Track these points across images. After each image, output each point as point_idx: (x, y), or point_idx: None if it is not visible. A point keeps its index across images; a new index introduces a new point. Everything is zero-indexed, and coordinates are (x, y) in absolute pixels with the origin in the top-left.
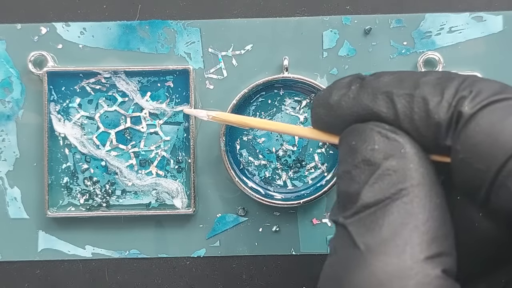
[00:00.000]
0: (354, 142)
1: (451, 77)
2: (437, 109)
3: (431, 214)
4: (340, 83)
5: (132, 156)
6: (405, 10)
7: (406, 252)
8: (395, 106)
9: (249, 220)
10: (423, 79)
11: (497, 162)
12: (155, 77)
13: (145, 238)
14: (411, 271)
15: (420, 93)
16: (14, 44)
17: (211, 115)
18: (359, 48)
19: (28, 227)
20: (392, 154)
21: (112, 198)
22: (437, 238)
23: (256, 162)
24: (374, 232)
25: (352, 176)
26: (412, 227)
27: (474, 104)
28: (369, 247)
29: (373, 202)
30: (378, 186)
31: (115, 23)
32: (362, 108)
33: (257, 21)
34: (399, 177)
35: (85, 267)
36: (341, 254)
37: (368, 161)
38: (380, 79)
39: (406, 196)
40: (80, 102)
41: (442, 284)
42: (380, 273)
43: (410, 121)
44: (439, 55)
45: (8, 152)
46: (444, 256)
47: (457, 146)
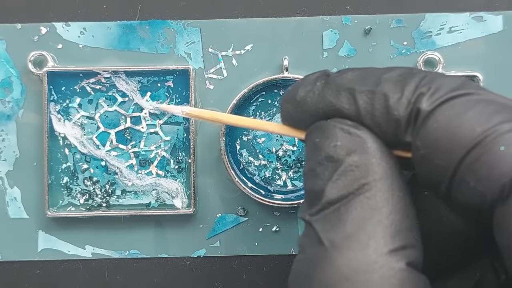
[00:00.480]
0: (318, 139)
1: (412, 74)
2: (397, 106)
3: (394, 207)
4: (307, 79)
5: (132, 156)
6: (405, 10)
7: (370, 246)
8: (357, 103)
9: (249, 220)
10: (385, 76)
11: (455, 158)
12: (155, 77)
13: (145, 238)
14: (375, 265)
15: (381, 90)
16: (14, 44)
17: (185, 111)
18: (359, 48)
19: (28, 227)
20: (354, 149)
21: (112, 198)
22: (400, 231)
23: (256, 162)
24: (338, 228)
25: (317, 173)
26: (375, 221)
27: (433, 100)
28: (334, 243)
29: (337, 198)
30: (342, 182)
31: (115, 23)
32: (326, 104)
33: (257, 21)
34: (361, 172)
35: (85, 267)
36: (308, 251)
37: (331, 158)
38: (343, 75)
39: (369, 191)
40: (80, 102)
41: (407, 277)
42: (345, 269)
43: (371, 117)
44: (439, 55)
45: (8, 152)
46: (409, 249)
47: (417, 142)
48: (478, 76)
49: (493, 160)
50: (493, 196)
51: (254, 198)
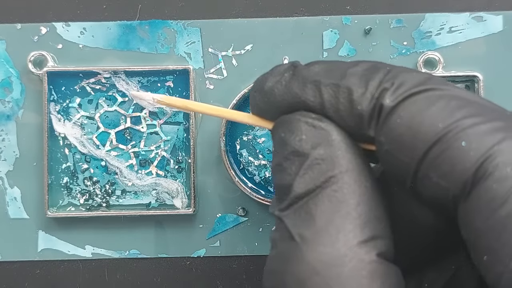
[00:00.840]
0: (283, 134)
1: (377, 68)
2: (360, 100)
3: (362, 198)
4: (276, 70)
5: (132, 156)
6: (405, 10)
7: (339, 239)
8: (322, 96)
9: (249, 220)
10: (351, 70)
11: (418, 153)
12: (155, 77)
13: (145, 238)
14: (345, 258)
15: (345, 83)
16: (14, 44)
17: (156, 98)
18: (359, 48)
19: (28, 227)
20: (319, 143)
21: (112, 198)
22: (369, 222)
23: (256, 162)
24: (308, 223)
25: (284, 168)
26: (343, 213)
27: (396, 96)
28: (304, 238)
29: (305, 193)
30: (309, 176)
31: (115, 23)
32: (292, 96)
33: (257, 21)
34: (327, 165)
35: (85, 267)
36: (280, 247)
37: (297, 152)
38: (310, 68)
39: (336, 184)
40: (80, 102)
41: (378, 268)
42: (315, 263)
43: (335, 111)
44: (439, 55)
45: (8, 152)
46: (379, 239)
47: (380, 137)
48: (478, 76)
49: (455, 155)
50: (456, 192)
51: (254, 198)
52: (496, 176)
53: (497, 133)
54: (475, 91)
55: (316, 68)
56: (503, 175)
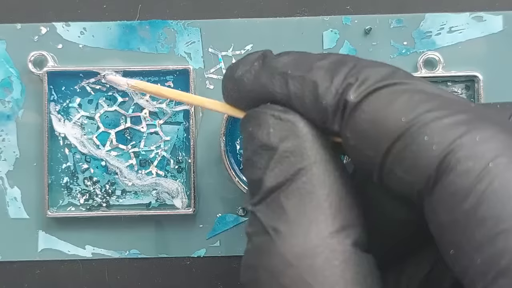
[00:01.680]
0: (251, 128)
1: (343, 62)
2: (325, 95)
3: (331, 188)
4: (247, 58)
5: (132, 156)
6: (405, 10)
7: (311, 230)
8: (289, 88)
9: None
10: (318, 63)
11: (382, 148)
12: (155, 77)
13: (145, 238)
14: (317, 249)
15: (311, 77)
16: (14, 44)
17: (130, 83)
18: (360, 48)
19: (28, 227)
20: (287, 135)
21: (112, 198)
22: (340, 212)
23: None
24: (280, 216)
25: (254, 162)
26: (314, 205)
27: (360, 92)
28: (277, 231)
29: (276, 186)
30: (278, 169)
31: (115, 23)
32: (260, 86)
33: (257, 21)
34: (296, 157)
35: (85, 267)
36: (255, 241)
37: (266, 146)
38: (279, 59)
39: (305, 175)
40: (80, 102)
41: (350, 257)
42: (289, 255)
43: (301, 104)
44: (439, 55)
45: (8, 152)
46: (350, 228)
47: (346, 133)
48: (478, 76)
49: (418, 150)
50: (420, 187)
51: None
52: (459, 170)
53: (460, 127)
54: (475, 91)
55: (285, 59)
56: (465, 168)
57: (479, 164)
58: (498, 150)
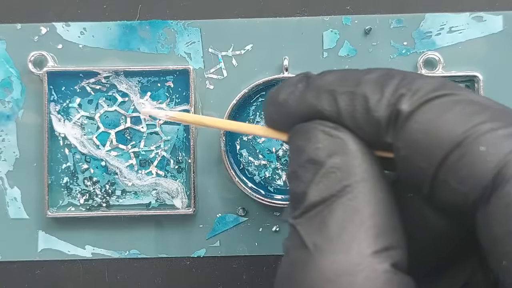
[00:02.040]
0: (299, 142)
1: (392, 75)
2: (377, 107)
3: (377, 208)
4: (289, 81)
5: (132, 156)
6: (405, 10)
7: (353, 248)
8: (338, 104)
9: (249, 220)
10: (365, 77)
11: (436, 159)
12: (155, 77)
13: (145, 238)
14: (358, 267)
15: (361, 91)
16: (14, 44)
17: (169, 115)
18: (360, 48)
19: (28, 227)
20: (335, 151)
21: (112, 198)
22: (383, 232)
23: (256, 162)
24: (321, 231)
25: (299, 176)
26: (357, 223)
27: (412, 102)
28: (317, 246)
29: (319, 201)
30: (323, 184)
31: (115, 23)
32: (307, 106)
33: (257, 21)
34: (343, 174)
35: (85, 267)
36: (293, 254)
37: (313, 160)
38: (324, 77)
39: (351, 193)
40: (80, 102)
41: (391, 278)
42: (328, 272)
43: (352, 119)
44: (439, 55)
45: (8, 152)
46: (392, 250)
47: (397, 143)
48: (478, 76)
49: (474, 161)
50: (475, 197)
51: (254, 198)
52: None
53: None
54: (475, 91)
55: (330, 77)
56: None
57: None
58: None
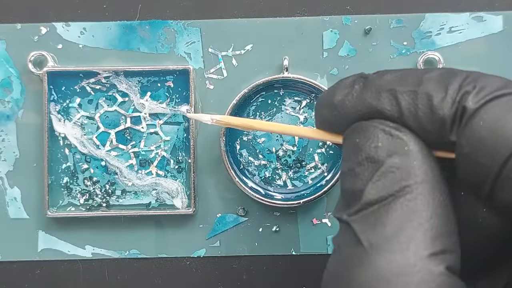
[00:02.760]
0: (358, 140)
1: (454, 73)
2: (441, 105)
3: (435, 211)
4: (344, 82)
5: (132, 156)
6: (405, 10)
7: (409, 249)
8: (399, 103)
9: (249, 220)
10: (426, 76)
11: (501, 157)
12: (155, 77)
13: (145, 238)
14: (414, 268)
15: (423, 90)
16: (14, 44)
17: (215, 118)
18: (360, 48)
19: (28, 227)
20: (395, 151)
21: (112, 198)
22: (440, 235)
23: (256, 162)
24: (377, 230)
25: (356, 174)
26: (415, 224)
27: (478, 99)
28: (373, 244)
29: (377, 199)
30: (382, 183)
31: (115, 23)
32: (366, 106)
33: (257, 21)
34: (402, 174)
35: (85, 267)
36: (345, 251)
37: (372, 159)
38: (383, 77)
39: (410, 194)
40: (80, 102)
41: (446, 281)
42: (383, 271)
43: (414, 118)
44: (439, 55)
45: (8, 152)
46: (448, 253)
47: (462, 141)
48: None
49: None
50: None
51: (254, 198)
52: None
53: None
54: None
55: (389, 77)
56: None
57: None
58: None
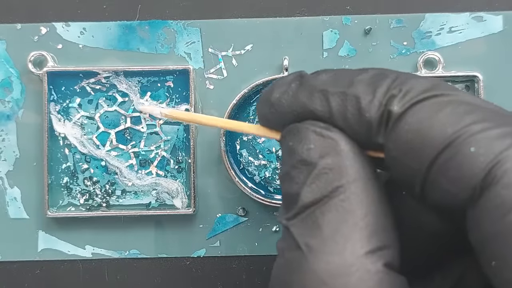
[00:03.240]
0: (291, 143)
1: (384, 75)
2: (368, 108)
3: (369, 209)
4: (282, 81)
5: (132, 156)
6: (405, 10)
7: (346, 249)
8: (330, 104)
9: (249, 220)
10: (358, 78)
11: (427, 159)
12: (155, 77)
13: (145, 238)
14: (352, 268)
15: (353, 92)
16: (14, 44)
17: (164, 112)
18: (359, 48)
19: (28, 227)
20: (327, 152)
21: (112, 198)
22: (376, 232)
23: (256, 162)
24: (315, 232)
25: (292, 177)
26: (350, 223)
27: (404, 103)
28: (311, 248)
29: (312, 202)
30: (316, 185)
31: (115, 23)
32: (300, 106)
33: (257, 21)
34: (335, 174)
35: (85, 267)
36: (287, 255)
37: (305, 161)
38: (318, 77)
39: (343, 193)
40: (80, 102)
41: (384, 278)
42: (322, 273)
43: (343, 119)
44: (439, 55)
45: (8, 152)
46: (386, 249)
47: (389, 144)
48: (478, 76)
49: (464, 161)
50: (465, 198)
51: (254, 198)
52: (505, 181)
53: (506, 139)
54: (475, 91)
55: (323, 77)
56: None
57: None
58: None
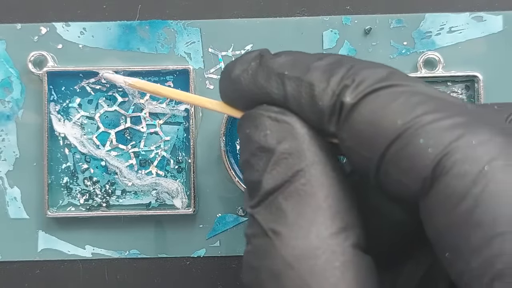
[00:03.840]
0: (248, 130)
1: (341, 63)
2: (321, 96)
3: (330, 190)
4: (245, 57)
5: (132, 156)
6: (405, 10)
7: (311, 232)
8: (285, 89)
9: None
10: (315, 64)
11: (378, 150)
12: (155, 77)
13: (145, 238)
14: (318, 251)
15: (308, 78)
16: (14, 44)
17: (128, 82)
18: (359, 48)
19: (28, 227)
20: (284, 137)
21: (112, 198)
22: (339, 213)
23: None
24: (279, 218)
25: (252, 165)
26: (313, 206)
27: (356, 93)
28: (277, 233)
29: (274, 188)
30: (276, 171)
31: (115, 23)
32: (258, 87)
33: (257, 21)
34: (294, 159)
35: (85, 267)
36: (254, 243)
37: (263, 148)
38: (276, 59)
39: (304, 177)
40: (80, 102)
41: (350, 258)
42: (289, 257)
43: (297, 105)
44: (439, 55)
45: (8, 152)
46: (350, 230)
47: (342, 134)
48: (478, 76)
49: (414, 152)
50: (416, 189)
51: None
52: (454, 172)
53: (456, 129)
54: (475, 91)
55: (282, 60)
56: (461, 171)
57: (475, 167)
58: (494, 153)
